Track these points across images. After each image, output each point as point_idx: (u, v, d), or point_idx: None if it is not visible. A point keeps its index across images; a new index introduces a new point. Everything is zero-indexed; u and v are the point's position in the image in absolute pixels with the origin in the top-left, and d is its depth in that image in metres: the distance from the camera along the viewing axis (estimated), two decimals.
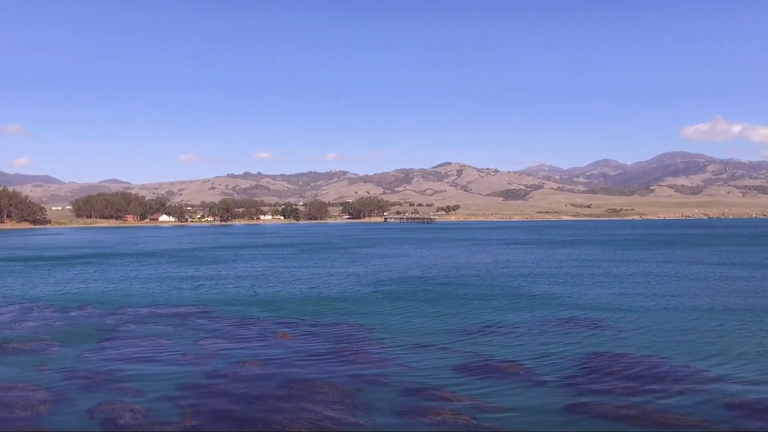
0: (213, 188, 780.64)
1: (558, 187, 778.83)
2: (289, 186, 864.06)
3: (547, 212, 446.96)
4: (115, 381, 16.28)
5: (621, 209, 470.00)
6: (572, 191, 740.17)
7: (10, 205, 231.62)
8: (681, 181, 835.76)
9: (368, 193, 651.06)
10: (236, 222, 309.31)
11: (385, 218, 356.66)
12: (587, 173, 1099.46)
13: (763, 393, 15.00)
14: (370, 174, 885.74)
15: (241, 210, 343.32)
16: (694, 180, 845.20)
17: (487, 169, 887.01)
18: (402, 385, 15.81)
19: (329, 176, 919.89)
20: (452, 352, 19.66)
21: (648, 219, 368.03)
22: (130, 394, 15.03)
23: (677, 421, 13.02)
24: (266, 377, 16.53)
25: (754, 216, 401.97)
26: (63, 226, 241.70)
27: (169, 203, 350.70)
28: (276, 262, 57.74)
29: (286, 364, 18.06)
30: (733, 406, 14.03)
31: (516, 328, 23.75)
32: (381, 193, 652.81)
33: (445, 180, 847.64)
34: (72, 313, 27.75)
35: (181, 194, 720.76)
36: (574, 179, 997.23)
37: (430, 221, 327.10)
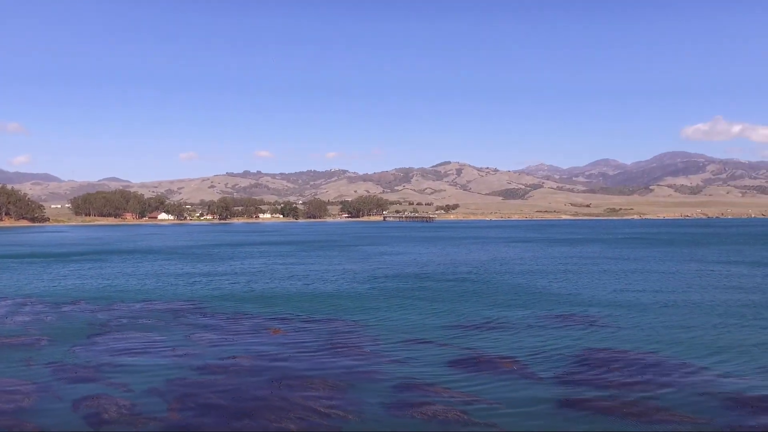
0: (212, 187, 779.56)
1: (557, 187, 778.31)
2: (289, 185, 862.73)
3: (546, 211, 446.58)
4: (103, 375, 16.04)
5: (620, 209, 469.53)
6: (572, 191, 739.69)
7: (9, 202, 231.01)
8: (680, 180, 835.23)
9: (368, 192, 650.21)
10: (235, 220, 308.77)
11: (385, 217, 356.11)
12: (587, 173, 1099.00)
13: (761, 390, 14.77)
14: (369, 173, 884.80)
15: (240, 208, 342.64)
16: (694, 180, 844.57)
17: (487, 168, 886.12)
18: (394, 380, 15.57)
19: (329, 175, 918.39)
20: (446, 347, 19.43)
21: (647, 218, 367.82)
22: (118, 389, 14.79)
23: (673, 417, 12.79)
24: (256, 372, 16.29)
25: (753, 216, 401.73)
26: (61, 224, 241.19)
27: (168, 201, 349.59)
28: (273, 259, 57.48)
29: (278, 358, 17.83)
30: (730, 402, 13.81)
31: (512, 324, 23.52)
32: (380, 192, 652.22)
33: (445, 179, 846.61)
34: (64, 309, 27.49)
35: (180, 193, 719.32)
36: (574, 179, 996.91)
37: (429, 220, 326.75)
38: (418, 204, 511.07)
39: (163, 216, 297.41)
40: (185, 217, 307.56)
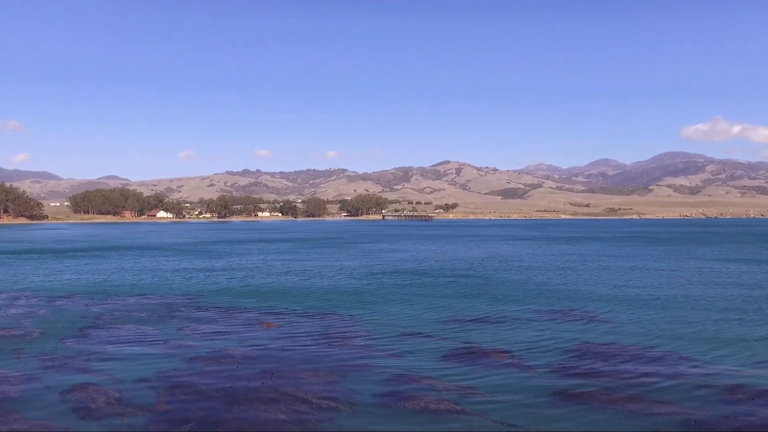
0: (212, 185, 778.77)
1: (557, 187, 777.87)
2: (288, 183, 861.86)
3: (545, 211, 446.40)
4: (93, 366, 15.84)
5: (619, 209, 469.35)
6: (571, 190, 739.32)
7: (7, 200, 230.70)
8: (680, 181, 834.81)
9: (367, 191, 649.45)
10: (234, 219, 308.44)
11: (384, 216, 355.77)
12: (586, 173, 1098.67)
13: (761, 382, 14.60)
14: (369, 172, 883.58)
15: (239, 207, 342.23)
16: (693, 180, 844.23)
17: (486, 167, 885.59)
18: (387, 372, 15.38)
19: (328, 174, 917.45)
20: (443, 341, 19.24)
21: (646, 218, 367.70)
22: (107, 379, 14.60)
23: (670, 408, 12.60)
24: (247, 364, 16.10)
25: (752, 216, 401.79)
26: (60, 221, 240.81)
27: (167, 200, 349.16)
28: (271, 256, 57.27)
29: (270, 351, 17.64)
30: (729, 394, 13.61)
31: (510, 319, 23.35)
32: (380, 191, 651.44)
33: (444, 178, 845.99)
34: (58, 302, 27.30)
35: (179, 191, 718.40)
36: (573, 179, 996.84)
37: (428, 219, 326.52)
38: (417, 203, 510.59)
39: (162, 214, 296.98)
40: (184, 216, 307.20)
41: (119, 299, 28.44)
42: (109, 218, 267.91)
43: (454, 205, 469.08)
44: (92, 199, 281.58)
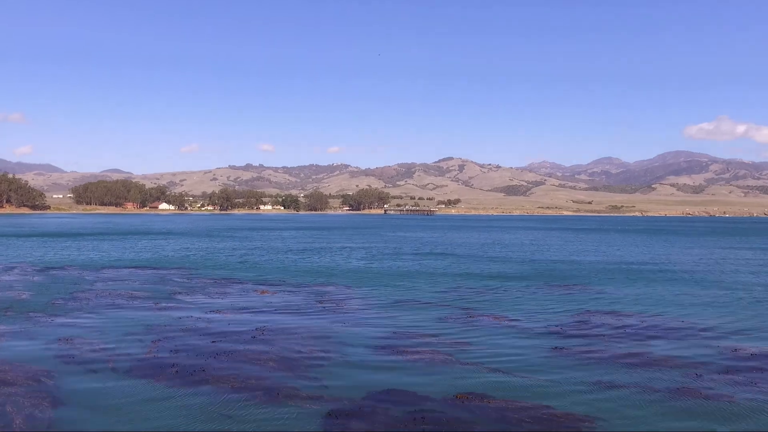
0: (214, 179, 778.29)
1: (560, 184, 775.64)
2: (291, 178, 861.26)
3: (548, 208, 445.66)
4: (80, 322, 15.53)
5: (622, 206, 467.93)
6: (574, 188, 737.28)
7: (10, 190, 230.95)
8: (683, 180, 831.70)
9: (369, 186, 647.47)
10: (236, 211, 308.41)
11: (386, 210, 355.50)
12: (589, 171, 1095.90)
13: (757, 342, 14.23)
14: (371, 168, 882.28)
15: (241, 200, 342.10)
16: (697, 179, 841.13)
17: (489, 164, 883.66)
18: (382, 330, 15.04)
19: (331, 169, 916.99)
20: (440, 306, 18.91)
21: (649, 216, 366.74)
22: (95, 332, 14.29)
23: (666, 363, 12.20)
24: (239, 322, 15.77)
25: (755, 215, 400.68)
26: (63, 212, 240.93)
27: (169, 192, 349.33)
28: (272, 241, 56.93)
29: (263, 313, 17.30)
30: (728, 353, 13.25)
31: (510, 290, 23.02)
32: (382, 187, 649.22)
33: (447, 175, 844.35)
34: (53, 272, 27.07)
35: (182, 185, 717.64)
36: (576, 176, 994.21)
37: (431, 213, 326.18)
38: (419, 198, 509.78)
39: (164, 206, 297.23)
40: (186, 208, 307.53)
41: (114, 270, 28.17)
42: (112, 209, 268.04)
43: (457, 201, 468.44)
44: (95, 191, 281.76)
